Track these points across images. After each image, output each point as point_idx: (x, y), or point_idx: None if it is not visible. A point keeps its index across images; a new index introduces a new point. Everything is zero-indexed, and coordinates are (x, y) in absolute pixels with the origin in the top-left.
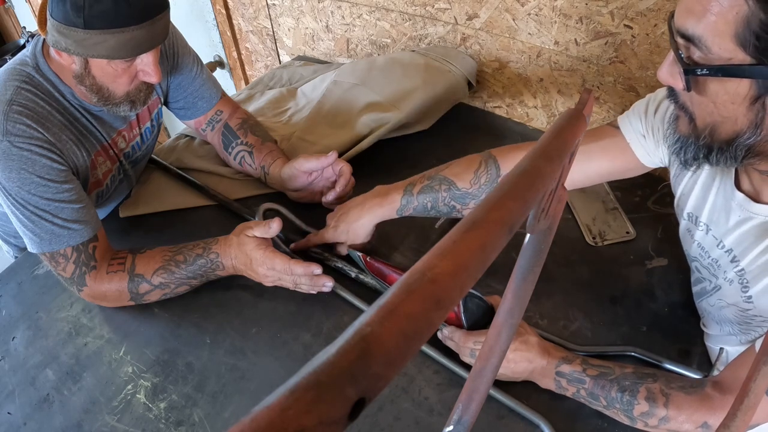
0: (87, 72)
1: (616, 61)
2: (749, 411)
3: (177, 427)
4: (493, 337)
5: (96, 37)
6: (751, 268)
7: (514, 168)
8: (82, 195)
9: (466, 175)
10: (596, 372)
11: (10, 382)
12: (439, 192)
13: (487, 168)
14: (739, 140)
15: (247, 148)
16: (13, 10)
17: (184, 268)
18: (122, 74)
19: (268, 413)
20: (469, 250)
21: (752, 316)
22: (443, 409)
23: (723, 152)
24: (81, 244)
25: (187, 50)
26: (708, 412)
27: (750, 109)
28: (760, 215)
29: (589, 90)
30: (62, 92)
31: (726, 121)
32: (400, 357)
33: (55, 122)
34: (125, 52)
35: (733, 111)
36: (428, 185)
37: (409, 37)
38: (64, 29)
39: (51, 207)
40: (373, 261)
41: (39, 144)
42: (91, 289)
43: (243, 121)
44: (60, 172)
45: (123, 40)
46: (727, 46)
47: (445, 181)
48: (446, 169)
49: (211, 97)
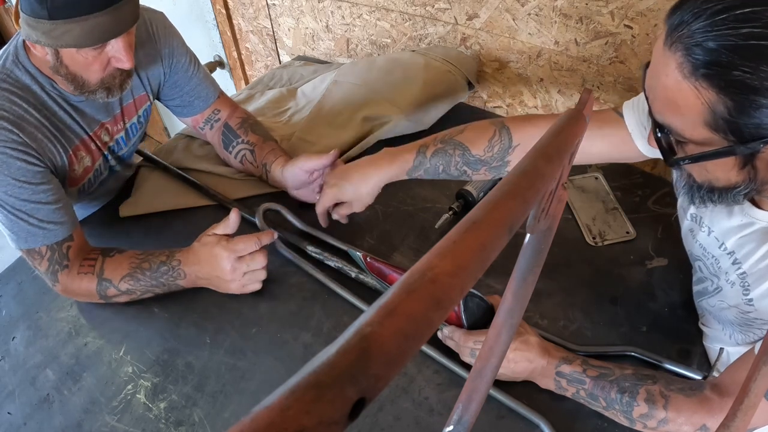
0: (60, 62)
1: (616, 61)
2: (749, 411)
3: (177, 427)
4: (493, 337)
5: (62, 27)
6: (753, 271)
7: (515, 168)
8: (59, 195)
9: (480, 142)
10: (596, 373)
11: (10, 382)
12: (453, 156)
13: (500, 137)
14: (736, 190)
15: (249, 147)
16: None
17: (149, 275)
18: (93, 62)
19: (268, 413)
20: (469, 250)
21: (753, 319)
22: (443, 409)
23: (724, 197)
24: (55, 243)
25: (183, 49)
26: (707, 414)
27: (740, 172)
28: (761, 221)
29: (589, 90)
30: (42, 84)
31: (720, 180)
32: (400, 357)
33: (31, 121)
34: (91, 39)
35: (724, 175)
36: (442, 148)
37: (409, 37)
38: (33, 21)
39: (27, 207)
40: (373, 261)
41: (15, 147)
42: (63, 285)
43: (243, 120)
44: (36, 174)
45: (87, 28)
46: (701, 133)
47: (460, 146)
48: (460, 134)
49: (207, 96)
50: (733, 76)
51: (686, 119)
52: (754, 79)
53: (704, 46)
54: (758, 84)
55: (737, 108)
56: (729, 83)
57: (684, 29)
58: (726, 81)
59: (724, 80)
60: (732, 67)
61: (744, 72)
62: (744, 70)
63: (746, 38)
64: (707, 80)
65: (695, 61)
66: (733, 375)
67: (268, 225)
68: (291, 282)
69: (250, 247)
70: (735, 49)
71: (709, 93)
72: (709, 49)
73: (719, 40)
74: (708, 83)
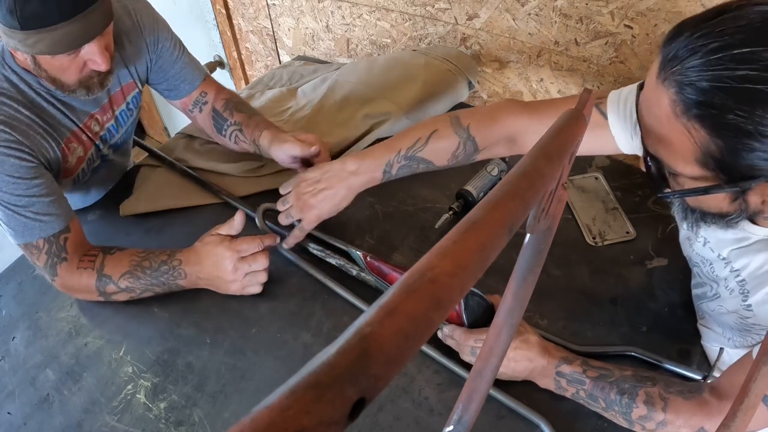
0: (39, 66)
1: (616, 61)
2: (749, 411)
3: (177, 427)
4: (493, 336)
5: (33, 36)
6: (751, 279)
7: (515, 168)
8: (53, 188)
9: (444, 155)
10: (596, 374)
11: (10, 382)
12: (417, 169)
13: (465, 148)
14: (729, 218)
15: (237, 127)
16: None
17: (149, 274)
18: (69, 65)
19: (268, 413)
20: (469, 250)
21: (752, 324)
22: (443, 409)
23: (718, 222)
24: (52, 235)
25: (168, 35)
26: (705, 417)
27: (732, 204)
28: (756, 235)
29: (589, 90)
30: (29, 83)
31: (712, 208)
32: (400, 357)
33: (22, 120)
34: (62, 47)
35: (716, 204)
36: (407, 164)
37: (410, 37)
38: (8, 31)
39: (22, 202)
40: (373, 260)
41: (8, 145)
42: (62, 279)
43: (227, 102)
44: (29, 170)
45: (57, 37)
46: (692, 169)
47: (424, 161)
48: (424, 149)
49: (193, 79)
50: (727, 119)
51: (677, 155)
52: (748, 123)
53: (697, 85)
54: (752, 128)
55: (729, 150)
56: (722, 126)
57: (678, 65)
58: (719, 123)
59: (717, 122)
60: (726, 110)
61: (738, 116)
62: (738, 114)
63: (742, 81)
64: (699, 121)
65: (688, 101)
66: (730, 378)
67: (268, 225)
68: (291, 282)
69: (252, 247)
70: (729, 91)
71: (700, 134)
72: (702, 90)
73: (714, 81)
74: (700, 124)
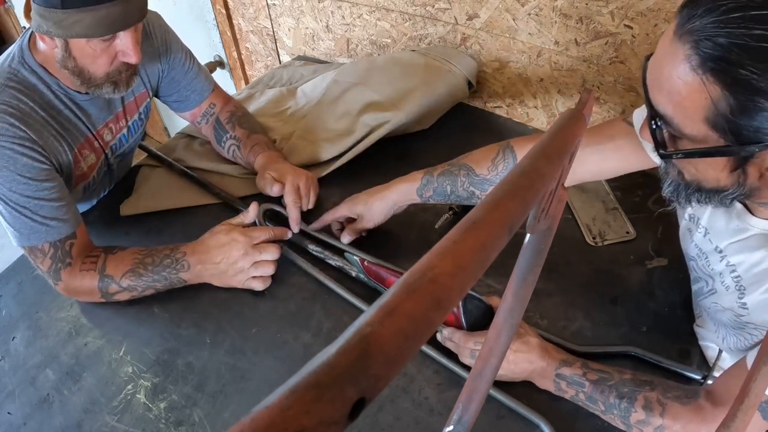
0: (68, 54)
1: (616, 61)
2: (749, 411)
3: (177, 427)
4: (493, 337)
5: (74, 16)
6: (747, 276)
7: (515, 168)
8: (63, 193)
9: (484, 162)
10: (596, 377)
11: (10, 382)
12: (458, 176)
13: (504, 156)
14: (724, 193)
15: (236, 142)
16: (13, 10)
17: (151, 270)
18: (101, 54)
19: (268, 413)
20: (469, 250)
21: (745, 323)
22: (443, 409)
23: (712, 198)
24: (58, 240)
25: (178, 45)
26: (701, 423)
27: (731, 175)
28: (755, 227)
29: (589, 90)
30: (47, 83)
31: (709, 180)
32: (400, 357)
33: (37, 119)
34: (102, 29)
35: (714, 176)
36: (448, 170)
37: (409, 37)
38: (45, 11)
39: (31, 204)
40: (371, 265)
41: (21, 143)
42: (66, 284)
43: (231, 114)
44: (41, 171)
45: (98, 17)
46: (699, 129)
47: (464, 167)
48: (466, 157)
49: (203, 90)
50: (741, 74)
51: (687, 112)
52: (760, 81)
53: (714, 41)
54: (764, 86)
55: (740, 108)
56: (735, 81)
57: (696, 22)
58: (733, 78)
59: (730, 77)
60: (740, 66)
61: (752, 72)
62: (752, 71)
63: (758, 40)
64: (714, 75)
65: (704, 54)
66: (725, 384)
67: (269, 225)
68: (291, 282)
69: (264, 235)
70: (746, 48)
71: (714, 88)
72: (719, 45)
73: (730, 38)
74: (714, 78)
